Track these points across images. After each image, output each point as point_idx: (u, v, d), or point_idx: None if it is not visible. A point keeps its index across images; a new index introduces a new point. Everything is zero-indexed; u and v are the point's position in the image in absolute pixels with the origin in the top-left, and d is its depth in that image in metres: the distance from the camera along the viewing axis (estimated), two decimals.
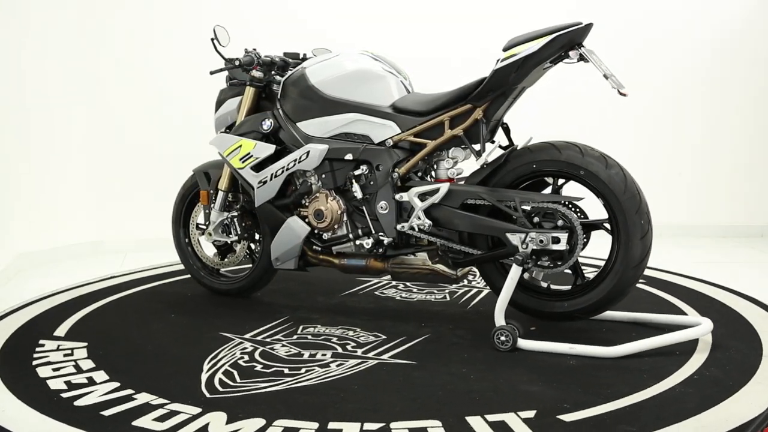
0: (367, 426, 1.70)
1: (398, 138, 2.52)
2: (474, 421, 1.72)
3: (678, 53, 4.44)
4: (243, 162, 2.69)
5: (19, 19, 3.90)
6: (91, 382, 2.01)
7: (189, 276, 3.22)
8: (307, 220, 2.66)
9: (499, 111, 2.41)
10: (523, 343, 2.25)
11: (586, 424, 1.70)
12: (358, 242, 2.61)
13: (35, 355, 2.26)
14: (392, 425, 1.70)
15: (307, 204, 2.67)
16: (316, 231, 2.66)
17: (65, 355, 2.25)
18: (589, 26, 2.26)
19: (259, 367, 2.12)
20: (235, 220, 2.90)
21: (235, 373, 2.08)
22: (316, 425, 1.70)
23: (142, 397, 1.88)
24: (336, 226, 2.62)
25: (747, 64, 4.47)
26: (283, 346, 2.34)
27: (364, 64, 2.59)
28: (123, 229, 4.05)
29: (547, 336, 2.32)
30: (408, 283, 3.19)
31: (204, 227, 3.03)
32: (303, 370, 2.09)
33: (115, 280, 3.42)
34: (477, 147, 2.43)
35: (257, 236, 2.97)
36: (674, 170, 4.54)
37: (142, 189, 4.15)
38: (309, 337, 2.43)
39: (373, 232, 2.57)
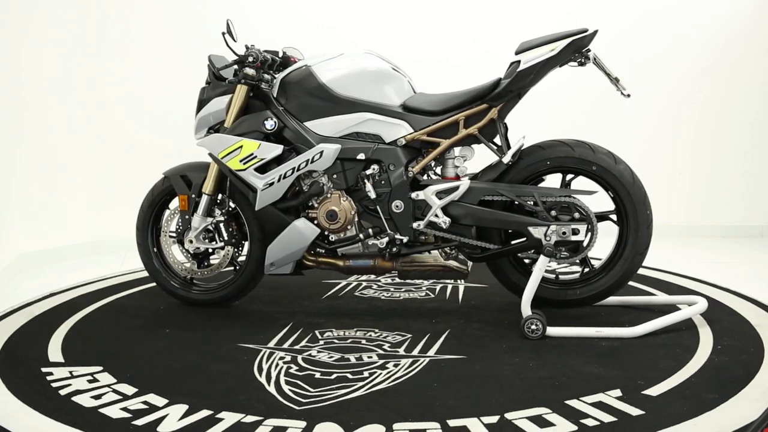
0: (486, 419, 1.72)
1: (411, 137, 2.54)
2: (575, 404, 1.81)
3: (678, 54, 4.45)
4: (244, 164, 2.56)
5: (19, 20, 3.87)
6: (153, 407, 1.83)
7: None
8: (316, 221, 2.59)
9: (510, 111, 2.52)
10: (551, 330, 2.38)
11: (672, 395, 1.85)
12: (371, 242, 2.59)
13: (55, 384, 2.00)
14: (507, 416, 1.74)
15: (316, 205, 2.59)
16: (326, 233, 2.60)
17: (89, 381, 2.02)
18: (596, 33, 2.43)
19: (317, 375, 2.05)
20: (221, 225, 2.75)
21: (299, 382, 1.99)
22: (437, 425, 1.70)
23: (229, 417, 1.75)
24: (348, 227, 2.58)
25: (747, 64, 4.48)
26: (319, 352, 2.27)
27: (375, 63, 2.59)
28: (123, 229, 3.75)
29: (552, 323, 2.44)
30: (382, 283, 3.20)
31: (174, 235, 2.83)
32: (366, 374, 2.05)
33: (115, 281, 3.38)
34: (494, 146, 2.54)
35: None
36: (674, 170, 4.58)
37: (143, 189, 3.83)
38: (335, 341, 2.38)
39: (388, 231, 2.56)
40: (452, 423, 1.70)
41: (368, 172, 2.56)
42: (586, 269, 2.62)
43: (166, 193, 2.84)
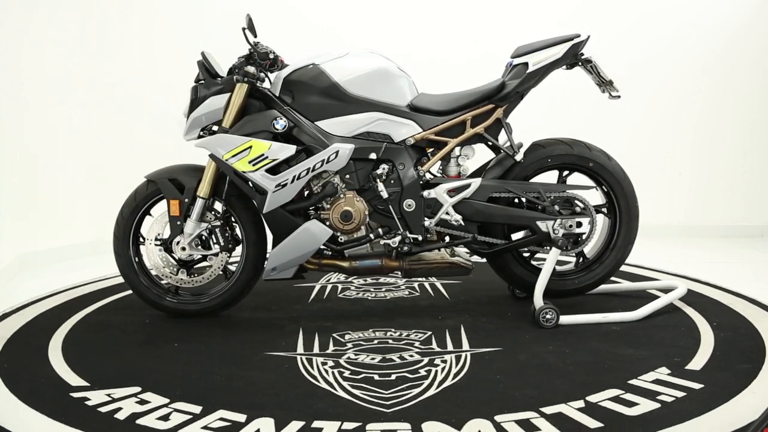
0: (573, 404, 1.80)
1: (420, 137, 2.56)
2: (638, 383, 1.96)
3: (678, 54, 4.44)
4: (254, 165, 2.45)
5: (19, 19, 3.87)
6: (237, 423, 1.74)
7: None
8: (328, 223, 2.52)
9: (512, 110, 2.62)
10: (564, 319, 2.50)
11: (712, 368, 2.05)
12: (383, 242, 2.57)
13: (103, 409, 1.81)
14: (589, 399, 1.84)
15: (327, 206, 2.53)
16: (338, 234, 2.54)
17: (139, 403, 1.86)
18: (588, 38, 2.59)
19: (376, 377, 2.03)
20: (217, 230, 2.60)
21: (364, 385, 1.96)
22: (535, 414, 1.75)
23: (328, 426, 1.71)
24: (362, 227, 2.54)
25: (747, 64, 4.48)
26: (356, 354, 2.24)
27: (383, 63, 2.59)
28: None
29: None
30: (357, 284, 3.19)
31: (159, 243, 2.64)
32: (422, 372, 2.07)
33: (114, 281, 3.34)
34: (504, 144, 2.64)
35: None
36: (674, 170, 4.57)
37: None
38: (363, 343, 2.37)
39: (401, 230, 2.56)
40: (547, 411, 1.77)
41: (378, 171, 2.54)
42: (581, 260, 2.78)
43: (151, 198, 2.64)
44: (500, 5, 4.29)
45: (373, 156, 2.54)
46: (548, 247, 2.62)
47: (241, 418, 1.74)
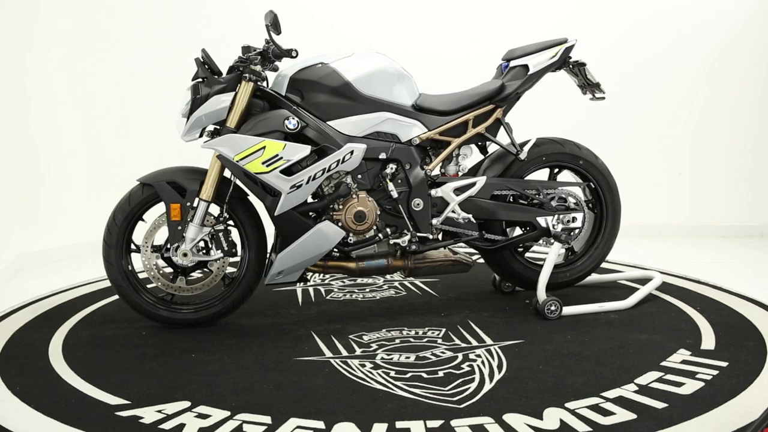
0: (627, 388, 1.91)
1: (426, 136, 2.58)
2: (670, 364, 2.10)
3: (678, 54, 4.45)
4: (267, 166, 2.36)
5: (23, 20, 3.89)
6: (320, 431, 1.66)
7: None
8: (340, 224, 2.47)
9: (509, 110, 2.69)
10: (567, 310, 2.62)
11: (724, 347, 2.26)
12: (392, 241, 2.56)
13: (165, 426, 1.73)
14: (638, 381, 1.96)
15: (339, 207, 2.48)
16: (348, 235, 2.50)
17: (199, 417, 1.79)
18: (576, 42, 2.72)
19: (424, 375, 2.04)
20: (220, 234, 2.48)
21: (420, 383, 1.96)
22: (599, 399, 1.85)
23: (414, 425, 1.72)
24: (374, 228, 2.52)
25: (748, 64, 4.49)
26: (388, 354, 2.24)
27: (390, 63, 2.61)
28: None
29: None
30: (340, 285, 3.17)
31: (152, 249, 2.49)
32: (466, 368, 2.10)
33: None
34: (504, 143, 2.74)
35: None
36: (675, 170, 4.56)
37: None
38: (386, 343, 2.38)
39: (410, 229, 2.56)
40: (608, 395, 1.86)
41: (387, 171, 2.53)
42: (570, 253, 2.91)
43: (147, 202, 2.48)
44: (500, 6, 4.32)
45: (382, 156, 2.54)
46: (544, 243, 2.72)
47: (319, 425, 1.70)
